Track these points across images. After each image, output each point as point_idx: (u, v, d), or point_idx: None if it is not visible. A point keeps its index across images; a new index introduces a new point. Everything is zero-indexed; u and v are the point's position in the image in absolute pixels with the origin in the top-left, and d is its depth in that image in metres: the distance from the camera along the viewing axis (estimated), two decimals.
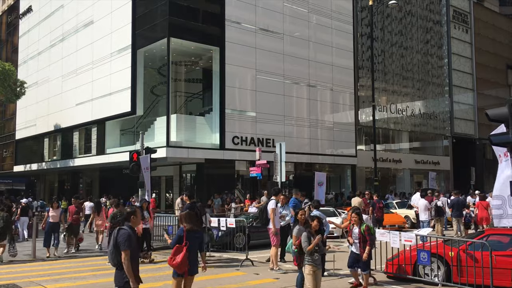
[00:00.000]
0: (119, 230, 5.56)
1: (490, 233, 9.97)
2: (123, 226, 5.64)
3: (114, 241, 5.48)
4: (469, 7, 41.45)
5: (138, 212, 5.84)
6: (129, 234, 5.44)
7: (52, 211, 13.70)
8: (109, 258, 5.64)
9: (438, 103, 37.88)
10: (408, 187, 34.91)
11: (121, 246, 5.42)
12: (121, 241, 5.44)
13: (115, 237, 5.51)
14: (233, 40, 25.17)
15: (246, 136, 25.31)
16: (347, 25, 31.07)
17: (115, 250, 5.47)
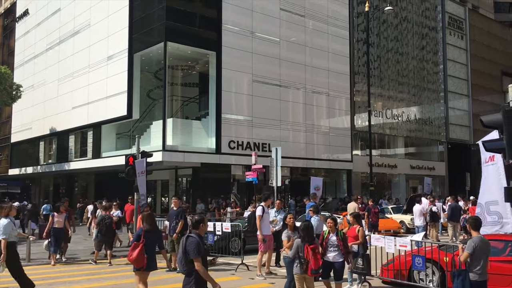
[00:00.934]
0: (188, 238, 5.69)
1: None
2: (191, 234, 5.74)
3: (183, 249, 5.61)
4: (464, 13, 41.74)
5: (206, 220, 6.01)
6: (198, 242, 5.58)
7: (57, 216, 13.03)
8: (179, 265, 5.89)
9: (433, 108, 38.05)
10: (404, 192, 34.99)
11: (191, 254, 5.53)
12: (190, 249, 5.55)
13: (183, 245, 5.63)
14: (229, 45, 25.24)
15: (242, 140, 25.34)
16: (343, 30, 31.22)
17: (184, 257, 5.60)
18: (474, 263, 6.70)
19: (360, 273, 9.28)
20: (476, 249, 6.63)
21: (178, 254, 5.93)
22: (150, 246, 7.56)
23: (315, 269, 7.36)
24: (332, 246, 8.12)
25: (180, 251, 5.67)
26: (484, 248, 6.72)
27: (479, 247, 6.62)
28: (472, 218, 6.79)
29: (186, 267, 5.61)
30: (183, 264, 5.65)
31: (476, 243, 6.67)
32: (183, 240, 5.69)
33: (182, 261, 5.63)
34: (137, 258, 7.40)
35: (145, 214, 8.18)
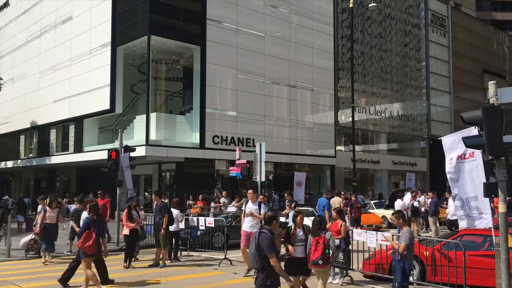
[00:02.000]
0: (260, 234, 5.76)
1: (464, 233, 10.20)
2: (263, 229, 5.83)
3: (256, 245, 5.66)
4: (447, 11, 42.20)
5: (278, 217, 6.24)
6: (271, 237, 5.69)
7: (50, 211, 12.51)
8: (252, 261, 5.84)
9: (415, 105, 38.47)
10: (386, 187, 35.36)
11: (265, 250, 5.59)
12: (264, 245, 5.61)
13: (256, 241, 5.68)
14: (214, 39, 25.12)
15: (227, 135, 25.30)
16: (328, 26, 31.31)
17: (257, 253, 5.65)
18: (410, 253, 7.50)
19: (341, 267, 9.39)
20: (411, 240, 7.44)
21: (250, 250, 5.96)
22: (97, 234, 8.63)
23: (314, 260, 7.50)
24: (300, 241, 8.05)
25: (253, 247, 5.72)
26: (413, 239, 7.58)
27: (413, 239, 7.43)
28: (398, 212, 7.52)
29: (259, 262, 5.65)
30: (256, 259, 5.69)
31: (411, 234, 7.49)
32: (255, 236, 5.77)
33: (256, 256, 5.67)
34: (91, 246, 8.35)
35: (91, 205, 9.08)
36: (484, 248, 9.50)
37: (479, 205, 9.43)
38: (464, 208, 9.51)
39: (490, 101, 7.62)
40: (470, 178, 9.32)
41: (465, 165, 9.40)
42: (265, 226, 5.93)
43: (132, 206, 12.03)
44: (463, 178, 9.46)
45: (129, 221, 11.66)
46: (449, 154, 9.67)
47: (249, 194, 10.69)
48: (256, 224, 10.45)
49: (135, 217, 11.85)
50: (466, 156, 9.35)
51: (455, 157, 9.54)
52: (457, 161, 9.52)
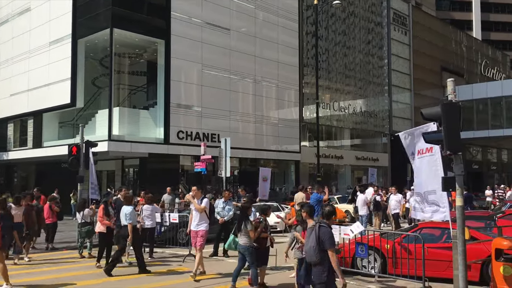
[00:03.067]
0: (321, 228, 5.84)
1: (423, 226, 10.52)
2: (322, 223, 5.92)
3: (316, 239, 5.77)
4: (408, 10, 43.19)
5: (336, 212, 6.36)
6: (331, 232, 5.86)
7: (16, 208, 11.79)
8: (311, 255, 5.86)
9: (378, 101, 39.27)
10: (349, 182, 35.98)
11: (325, 244, 5.73)
12: (325, 239, 5.75)
13: (317, 235, 5.79)
14: (179, 34, 24.83)
15: (191, 130, 25.11)
16: (293, 22, 31.49)
17: (318, 247, 5.76)
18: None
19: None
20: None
21: (307, 243, 6.02)
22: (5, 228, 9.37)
23: None
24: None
25: (312, 240, 5.81)
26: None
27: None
28: (307, 206, 7.25)
29: (319, 256, 5.74)
30: (316, 253, 5.76)
31: None
32: (315, 230, 5.86)
33: (316, 250, 5.75)
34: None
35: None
36: (442, 241, 9.83)
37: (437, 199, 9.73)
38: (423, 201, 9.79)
39: (449, 98, 7.85)
40: (429, 173, 9.58)
41: (424, 159, 9.64)
42: (324, 220, 6.03)
43: (109, 202, 11.64)
44: (422, 173, 9.71)
45: (105, 218, 11.12)
46: (409, 149, 9.90)
47: (193, 191, 10.22)
48: (202, 222, 9.96)
49: (111, 214, 11.36)
50: (424, 151, 9.60)
51: (416, 152, 9.79)
52: (417, 156, 9.77)
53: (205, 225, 9.96)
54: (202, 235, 9.89)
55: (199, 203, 9.96)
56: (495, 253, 7.71)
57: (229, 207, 12.86)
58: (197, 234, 9.87)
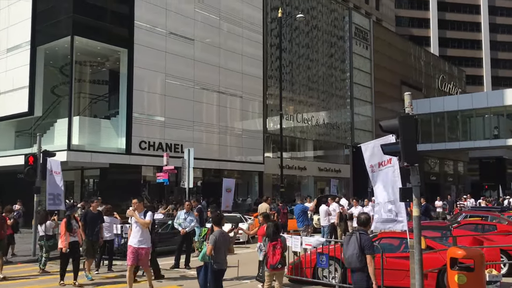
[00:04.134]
0: (361, 236, 6.30)
1: (382, 236, 10.72)
2: (361, 231, 6.39)
3: (359, 245, 6.22)
4: (369, 25, 44.38)
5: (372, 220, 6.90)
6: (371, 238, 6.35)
7: None
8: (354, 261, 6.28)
9: (340, 114, 40.00)
10: (312, 193, 36.33)
11: (366, 250, 6.19)
12: (366, 245, 6.22)
13: (359, 242, 6.23)
14: (142, 43, 24.60)
15: (154, 141, 24.80)
16: (258, 34, 31.77)
17: (361, 253, 6.18)
18: (217, 254, 7.61)
19: None
20: (216, 242, 7.57)
21: (348, 251, 6.42)
22: None
23: (273, 264, 7.93)
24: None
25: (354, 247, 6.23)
26: (223, 240, 7.69)
27: (219, 240, 7.58)
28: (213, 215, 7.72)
29: (362, 262, 6.17)
30: (360, 259, 6.18)
31: (216, 236, 7.64)
32: (357, 237, 6.30)
33: (359, 256, 6.19)
34: None
35: None
36: (400, 250, 10.04)
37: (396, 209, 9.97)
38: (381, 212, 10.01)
39: (406, 111, 8.10)
40: (388, 184, 9.81)
41: (383, 171, 9.89)
42: (361, 227, 6.51)
43: (72, 215, 10.86)
44: (381, 183, 9.94)
45: (68, 233, 10.36)
46: (369, 161, 10.12)
47: (133, 204, 9.34)
48: (145, 239, 9.16)
49: (75, 228, 10.61)
50: (384, 162, 9.84)
51: (375, 164, 10.02)
52: (377, 168, 10.00)
53: (148, 242, 9.26)
54: (147, 252, 9.22)
55: (142, 217, 9.15)
56: (450, 262, 7.93)
57: (191, 218, 12.76)
58: (139, 252, 9.02)
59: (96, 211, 11.64)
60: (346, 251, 6.58)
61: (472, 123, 45.72)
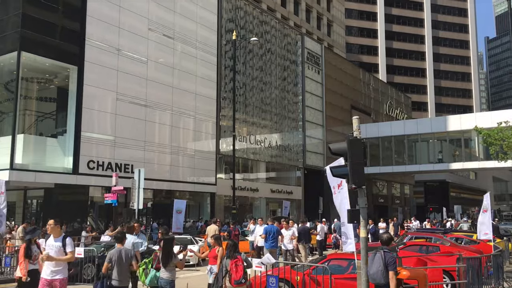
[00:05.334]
0: (386, 253, 6.96)
1: (331, 257, 10.86)
2: (385, 249, 7.07)
3: (383, 263, 6.91)
4: (321, 51, 45.68)
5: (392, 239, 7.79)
6: (395, 256, 6.99)
7: None
8: (376, 277, 6.99)
9: (292, 136, 40.59)
10: (264, 215, 36.38)
11: (390, 267, 6.87)
12: (390, 262, 6.91)
13: (383, 259, 6.93)
14: (93, 61, 24.12)
15: (103, 160, 24.15)
16: (212, 56, 31.94)
17: (385, 270, 6.88)
18: (114, 271, 7.82)
19: None
20: (112, 260, 7.85)
21: (373, 267, 7.06)
22: None
23: (237, 280, 8.25)
24: None
25: (379, 264, 6.90)
26: (120, 257, 7.93)
27: (114, 258, 7.88)
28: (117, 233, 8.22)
29: (387, 278, 6.83)
30: (384, 276, 6.86)
31: (112, 255, 7.90)
32: (381, 255, 6.97)
33: (384, 273, 6.87)
34: None
35: None
36: (348, 272, 10.19)
37: (346, 231, 10.17)
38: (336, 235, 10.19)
39: (354, 134, 8.35)
40: (341, 205, 10.03)
41: (339, 193, 10.12)
42: (385, 246, 7.21)
43: (33, 240, 9.13)
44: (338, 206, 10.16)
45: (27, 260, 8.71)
46: (332, 183, 10.34)
47: (48, 225, 8.10)
48: (60, 268, 7.78)
49: (35, 254, 8.94)
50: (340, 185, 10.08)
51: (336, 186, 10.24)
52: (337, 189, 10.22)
53: (65, 271, 7.88)
54: (62, 284, 7.74)
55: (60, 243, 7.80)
56: None
57: (141, 240, 12.39)
58: (53, 284, 7.65)
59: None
60: (370, 268, 7.19)
61: (417, 147, 47.64)
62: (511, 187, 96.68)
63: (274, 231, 15.37)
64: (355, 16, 79.27)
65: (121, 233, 8.43)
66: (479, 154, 44.67)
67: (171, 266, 8.32)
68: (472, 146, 45.30)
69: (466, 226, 28.04)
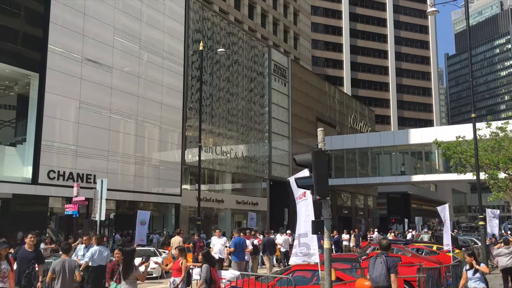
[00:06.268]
0: (387, 258, 7.56)
1: (296, 269, 10.88)
2: (386, 254, 7.66)
3: (386, 266, 7.43)
4: (287, 63, 46.20)
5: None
6: (395, 261, 7.62)
7: None
8: (379, 280, 7.47)
9: (259, 147, 40.70)
10: (229, 226, 36.21)
11: (392, 269, 7.45)
12: (392, 266, 7.47)
13: (386, 263, 7.47)
14: (55, 68, 23.56)
15: (65, 170, 23.50)
16: (178, 66, 31.78)
17: (387, 273, 7.39)
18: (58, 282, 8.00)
19: None
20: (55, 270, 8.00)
21: (375, 272, 7.58)
22: None
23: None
24: None
25: (382, 268, 7.42)
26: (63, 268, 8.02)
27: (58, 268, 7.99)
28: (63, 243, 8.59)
29: (389, 281, 7.31)
30: (387, 278, 7.36)
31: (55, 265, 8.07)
32: (383, 259, 7.53)
33: (386, 276, 7.37)
34: None
35: None
36: (312, 283, 10.23)
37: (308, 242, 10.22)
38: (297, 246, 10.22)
39: (319, 146, 8.44)
40: (303, 216, 10.08)
41: (300, 204, 10.16)
42: (384, 251, 7.78)
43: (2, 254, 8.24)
44: (299, 216, 10.20)
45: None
46: (296, 194, 10.38)
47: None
48: None
49: (4, 271, 8.05)
50: (301, 196, 10.12)
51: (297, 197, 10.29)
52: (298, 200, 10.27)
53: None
54: None
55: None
56: None
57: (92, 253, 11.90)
58: None
59: (32, 248, 9.45)
60: (373, 272, 7.67)
61: (380, 160, 48.67)
62: (469, 199, 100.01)
63: (241, 243, 15.33)
64: (321, 30, 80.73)
65: (67, 244, 8.31)
66: (439, 166, 46.05)
67: (132, 279, 8.11)
68: (433, 159, 46.67)
69: (427, 237, 28.72)
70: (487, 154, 23.69)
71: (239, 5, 47.34)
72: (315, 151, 8.14)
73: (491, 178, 24.57)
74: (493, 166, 23.77)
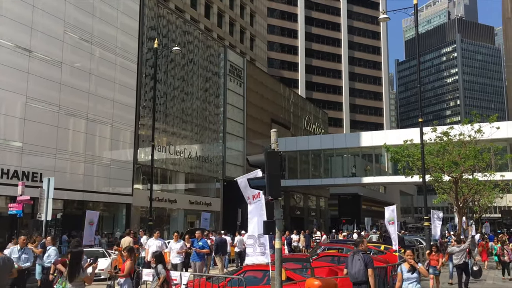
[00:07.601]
0: (364, 255, 8.16)
1: (247, 269, 10.93)
2: (361, 252, 8.28)
3: (364, 263, 8.03)
4: (243, 64, 46.29)
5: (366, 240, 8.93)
6: (371, 256, 8.35)
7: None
8: (358, 276, 8.02)
9: (213, 147, 40.54)
10: (182, 227, 35.85)
11: (369, 265, 8.05)
12: (369, 262, 8.11)
13: (364, 260, 8.07)
14: (1, 61, 22.53)
15: (9, 168, 22.50)
16: (132, 63, 31.14)
17: (365, 269, 7.98)
18: None
19: None
20: None
21: (353, 268, 8.15)
22: None
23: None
24: None
25: (360, 264, 8.00)
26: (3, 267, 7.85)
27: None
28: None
29: (367, 275, 7.92)
30: (365, 274, 7.95)
31: None
32: (361, 256, 8.11)
33: (365, 271, 7.96)
34: None
35: None
36: (264, 283, 10.30)
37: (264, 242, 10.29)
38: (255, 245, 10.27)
39: (272, 147, 8.51)
40: (258, 217, 10.13)
41: (255, 204, 10.21)
42: (359, 249, 8.33)
43: None
44: (254, 217, 10.23)
45: None
46: (245, 194, 10.39)
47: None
48: None
49: None
50: (255, 196, 10.17)
51: (251, 197, 10.31)
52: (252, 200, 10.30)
53: None
54: None
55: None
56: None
57: (25, 255, 11.35)
58: None
59: None
60: (351, 268, 8.21)
61: (333, 161, 49.65)
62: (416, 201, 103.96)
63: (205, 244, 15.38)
64: (277, 32, 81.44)
65: None
66: (388, 169, 47.51)
67: (78, 281, 7.87)
68: (382, 161, 48.10)
69: (375, 238, 29.58)
70: (432, 158, 24.64)
71: (196, 3, 47.00)
72: (268, 152, 8.21)
73: (436, 180, 25.57)
74: (438, 169, 24.76)
